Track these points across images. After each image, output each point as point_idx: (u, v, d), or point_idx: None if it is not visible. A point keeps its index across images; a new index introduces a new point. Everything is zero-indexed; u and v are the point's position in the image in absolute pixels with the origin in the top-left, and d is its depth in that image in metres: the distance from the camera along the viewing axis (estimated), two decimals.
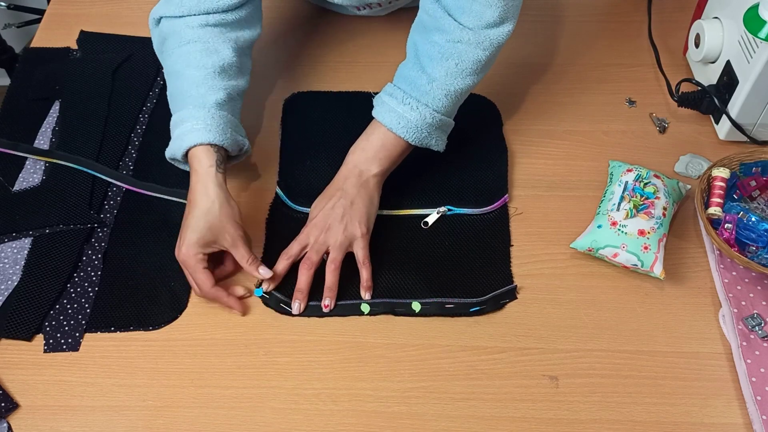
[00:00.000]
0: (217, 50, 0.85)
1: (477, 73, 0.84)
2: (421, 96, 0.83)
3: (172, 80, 0.86)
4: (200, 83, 0.83)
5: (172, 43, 0.86)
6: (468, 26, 0.81)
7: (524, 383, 0.75)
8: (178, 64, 0.85)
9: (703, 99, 0.95)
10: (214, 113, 0.81)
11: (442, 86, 0.82)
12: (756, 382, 0.73)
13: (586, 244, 0.82)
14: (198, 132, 0.80)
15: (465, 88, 0.84)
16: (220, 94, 0.83)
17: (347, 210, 0.81)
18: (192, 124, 0.80)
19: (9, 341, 0.78)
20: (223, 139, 0.81)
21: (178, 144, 0.81)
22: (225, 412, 0.73)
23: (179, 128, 0.82)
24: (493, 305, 0.80)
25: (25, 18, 1.84)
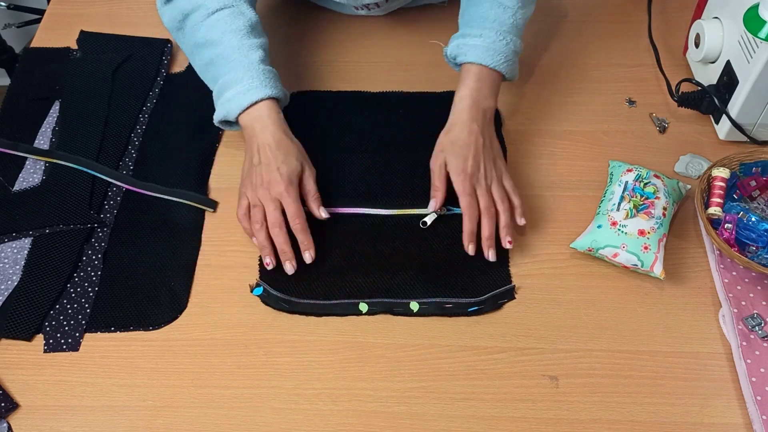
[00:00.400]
0: (242, 12, 0.88)
1: None
2: (509, 28, 0.89)
3: (207, 49, 0.88)
4: (240, 46, 0.86)
5: (198, 15, 0.88)
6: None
7: (524, 383, 0.75)
8: (212, 32, 0.87)
9: (703, 99, 0.95)
10: (263, 69, 0.86)
11: (521, 15, 0.90)
12: (756, 382, 0.73)
13: (586, 244, 0.82)
14: (257, 89, 0.85)
15: (531, 13, 0.93)
16: (260, 52, 0.88)
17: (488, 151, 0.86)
18: (248, 83, 0.85)
19: (9, 341, 0.78)
20: (278, 91, 0.86)
21: (235, 104, 0.85)
22: (225, 412, 0.73)
23: (232, 89, 0.85)
24: (491, 305, 0.80)
25: (25, 18, 1.84)
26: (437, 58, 1.04)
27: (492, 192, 0.83)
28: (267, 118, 0.85)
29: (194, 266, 0.84)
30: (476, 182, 0.83)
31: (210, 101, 0.97)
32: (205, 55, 0.89)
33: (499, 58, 0.87)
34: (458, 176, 0.83)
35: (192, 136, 0.96)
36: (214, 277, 0.83)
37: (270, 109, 0.85)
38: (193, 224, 0.87)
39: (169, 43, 1.07)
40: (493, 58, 0.87)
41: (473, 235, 0.82)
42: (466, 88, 0.87)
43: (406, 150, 0.93)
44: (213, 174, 0.93)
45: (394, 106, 0.99)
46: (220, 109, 0.87)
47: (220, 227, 0.87)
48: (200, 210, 0.89)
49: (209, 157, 0.94)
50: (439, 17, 1.11)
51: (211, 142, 0.96)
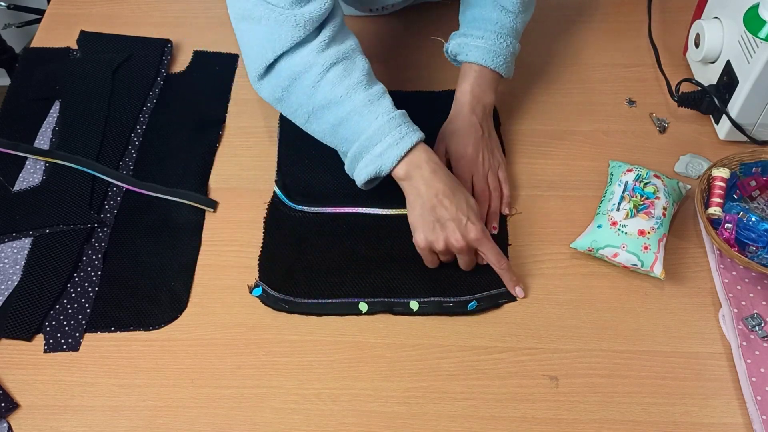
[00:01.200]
0: (355, 62, 0.81)
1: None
2: (509, 31, 0.91)
3: (332, 110, 0.80)
4: (366, 100, 0.79)
5: (311, 75, 0.79)
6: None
7: (524, 383, 0.75)
8: (334, 91, 0.79)
9: (703, 99, 0.95)
10: (398, 113, 0.80)
11: (521, 19, 0.92)
12: (756, 382, 0.73)
13: (586, 244, 0.82)
14: (408, 136, 0.79)
15: (530, 17, 0.95)
16: (387, 97, 0.81)
17: (487, 142, 0.89)
18: (397, 133, 0.79)
19: (9, 341, 0.78)
20: (420, 135, 0.80)
21: (388, 155, 0.78)
22: (225, 412, 0.73)
23: (376, 147, 0.79)
24: (490, 302, 0.80)
25: (25, 18, 1.84)
26: (437, 58, 1.04)
27: (488, 179, 0.87)
28: (429, 162, 0.79)
29: (194, 266, 0.84)
30: (474, 169, 0.87)
31: (210, 101, 0.98)
32: (330, 116, 0.80)
33: (499, 60, 0.90)
34: (457, 162, 0.87)
35: (192, 136, 0.96)
36: (214, 277, 0.83)
37: (426, 151, 0.80)
38: (193, 224, 0.87)
39: (169, 43, 1.07)
40: (493, 60, 0.90)
41: None
42: (467, 84, 0.90)
43: None
44: (213, 174, 0.93)
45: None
46: (369, 167, 0.80)
47: (220, 227, 0.87)
48: (200, 210, 0.89)
49: (209, 157, 0.94)
50: (439, 16, 1.11)
51: (211, 142, 0.96)
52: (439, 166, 0.80)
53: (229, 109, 1.00)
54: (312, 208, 0.88)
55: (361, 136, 0.79)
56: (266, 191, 0.90)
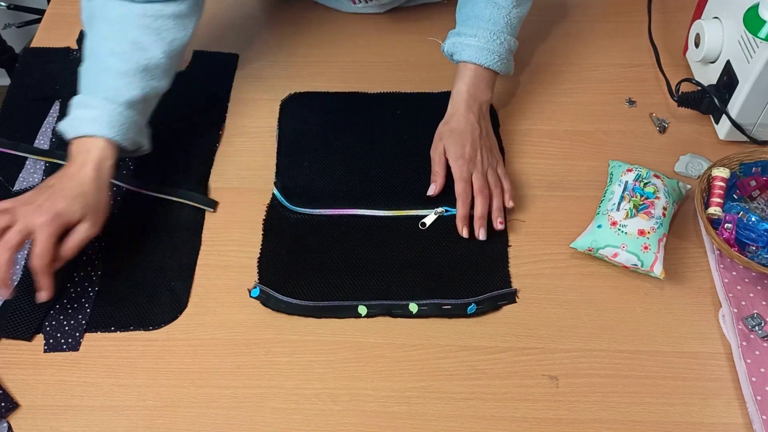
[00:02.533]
0: (145, 47, 0.83)
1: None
2: (502, 28, 0.91)
3: (91, 59, 0.83)
4: (118, 76, 0.81)
5: (102, 24, 0.83)
6: None
7: (524, 383, 0.75)
8: (102, 47, 0.82)
9: (703, 99, 0.95)
10: (121, 111, 0.80)
11: (516, 14, 0.92)
12: (756, 382, 0.73)
13: (586, 244, 0.82)
14: (100, 124, 0.79)
15: (526, 11, 0.94)
16: (136, 92, 0.82)
17: (485, 140, 0.89)
18: (97, 113, 0.79)
19: (9, 341, 0.78)
20: (124, 138, 0.80)
21: (75, 125, 0.80)
22: (225, 412, 0.73)
23: (81, 110, 0.80)
24: (490, 305, 0.80)
25: (25, 18, 1.84)
26: (436, 58, 1.04)
27: (487, 177, 0.87)
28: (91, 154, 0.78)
29: (194, 266, 0.84)
30: (473, 168, 0.86)
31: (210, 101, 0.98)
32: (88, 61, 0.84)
33: (493, 58, 0.90)
34: (456, 162, 0.86)
35: (192, 136, 0.96)
36: (214, 277, 0.83)
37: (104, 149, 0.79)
38: (193, 224, 0.87)
39: None
40: (486, 58, 0.90)
41: (466, 219, 0.85)
42: (463, 83, 0.90)
43: (405, 150, 0.93)
44: (213, 174, 0.93)
45: (392, 107, 0.99)
46: (66, 120, 0.81)
47: (220, 227, 0.87)
48: (200, 210, 0.89)
49: (209, 157, 0.94)
50: (438, 16, 1.11)
51: (211, 142, 0.96)
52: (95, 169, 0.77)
53: (229, 109, 1.00)
54: (311, 210, 0.88)
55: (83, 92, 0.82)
56: (266, 191, 0.90)
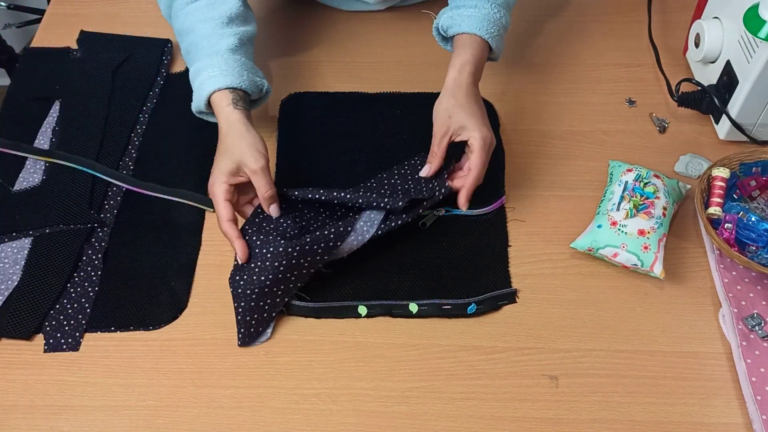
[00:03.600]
0: (222, 2, 0.89)
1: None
2: (502, 3, 0.89)
3: (183, 38, 0.90)
4: (210, 34, 0.87)
5: (179, 3, 0.90)
6: None
7: (524, 383, 0.75)
8: (187, 21, 0.89)
9: (703, 99, 0.95)
10: (227, 58, 0.85)
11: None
12: (756, 382, 0.73)
13: (586, 244, 0.82)
14: (215, 78, 0.83)
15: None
16: (231, 39, 0.87)
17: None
18: (208, 73, 0.84)
19: (9, 341, 0.78)
20: (240, 81, 0.84)
21: (199, 94, 0.85)
22: (225, 412, 0.73)
23: (197, 79, 0.85)
24: (490, 305, 0.80)
25: (25, 18, 1.84)
26: (436, 58, 1.04)
27: None
28: (220, 110, 0.84)
29: (194, 266, 0.84)
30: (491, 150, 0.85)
31: None
32: (183, 42, 0.90)
33: (493, 30, 0.88)
34: (484, 151, 0.83)
35: (192, 136, 0.96)
36: (214, 277, 0.83)
37: (222, 99, 0.83)
38: (193, 224, 0.87)
39: (169, 43, 1.07)
40: (488, 29, 0.87)
41: None
42: (466, 54, 0.86)
43: (405, 150, 0.93)
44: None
45: (392, 107, 0.99)
46: (194, 98, 0.87)
47: None
48: (200, 210, 0.89)
49: (209, 157, 0.94)
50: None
51: (211, 142, 0.95)
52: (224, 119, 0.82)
53: None
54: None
55: (191, 66, 0.88)
56: None
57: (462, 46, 0.87)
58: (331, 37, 1.09)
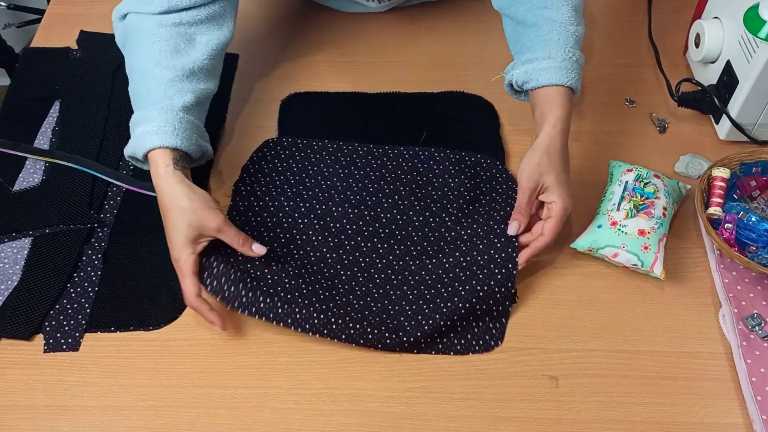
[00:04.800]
0: (187, 52, 0.83)
1: None
2: (573, 44, 0.85)
3: (136, 76, 0.84)
4: (168, 84, 0.81)
5: (140, 39, 0.83)
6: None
7: (524, 383, 0.75)
8: (145, 61, 0.82)
9: (703, 99, 0.95)
10: (181, 117, 0.80)
11: (580, 31, 0.86)
12: (756, 382, 0.73)
13: (586, 244, 0.82)
14: (163, 135, 0.78)
15: (583, 30, 0.88)
16: (189, 97, 0.82)
17: None
18: (158, 126, 0.78)
19: (9, 341, 0.78)
20: (188, 144, 0.80)
21: (140, 143, 0.79)
22: (225, 412, 0.73)
23: (142, 127, 0.80)
24: None
25: (25, 18, 1.84)
26: (437, 58, 1.04)
27: None
28: (157, 169, 0.78)
29: None
30: None
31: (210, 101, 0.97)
32: (135, 80, 0.85)
33: (574, 75, 0.84)
34: (562, 221, 0.80)
35: None
36: None
37: (161, 158, 0.78)
38: None
39: None
40: (568, 77, 0.83)
41: None
42: (558, 110, 0.82)
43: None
44: (213, 174, 0.93)
45: (392, 107, 0.99)
46: (131, 143, 0.81)
47: None
48: None
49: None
50: (438, 16, 1.11)
51: (211, 142, 0.95)
52: (165, 173, 0.77)
53: (229, 109, 1.00)
54: None
55: (138, 110, 0.82)
56: None
57: (548, 100, 0.83)
58: (330, 37, 1.09)
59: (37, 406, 0.74)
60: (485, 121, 0.97)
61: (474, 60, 1.05)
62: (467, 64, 1.05)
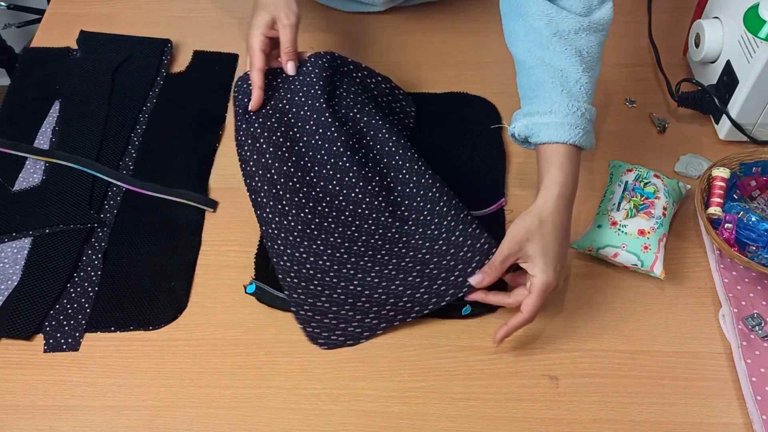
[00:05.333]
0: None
1: (601, 58, 0.84)
2: (577, 96, 0.79)
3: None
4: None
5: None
6: (581, 14, 0.81)
7: (524, 383, 0.75)
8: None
9: (703, 99, 0.95)
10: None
11: (589, 80, 0.80)
12: (756, 382, 0.73)
13: (586, 244, 0.82)
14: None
15: (597, 74, 0.83)
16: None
17: None
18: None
19: (9, 341, 0.78)
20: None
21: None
22: (225, 412, 0.73)
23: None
24: (484, 307, 0.79)
25: (25, 18, 1.85)
26: (437, 59, 1.04)
27: None
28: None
29: (194, 266, 0.84)
30: None
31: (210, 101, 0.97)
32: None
33: (577, 132, 0.77)
34: (542, 298, 0.73)
35: (192, 136, 0.96)
36: (214, 277, 0.83)
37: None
38: (193, 224, 0.87)
39: (169, 43, 1.07)
40: (570, 133, 0.77)
41: None
42: (555, 172, 0.76)
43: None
44: (213, 174, 0.93)
45: None
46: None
47: (220, 227, 0.87)
48: (200, 210, 0.89)
49: (209, 157, 0.94)
50: (438, 16, 1.11)
51: (211, 142, 0.96)
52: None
53: (229, 109, 1.00)
54: None
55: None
56: None
57: (547, 159, 0.77)
58: (330, 38, 1.09)
59: (37, 406, 0.74)
60: (487, 122, 0.97)
61: (474, 60, 1.05)
62: (467, 64, 1.05)
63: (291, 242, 0.82)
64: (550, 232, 0.74)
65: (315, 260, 0.81)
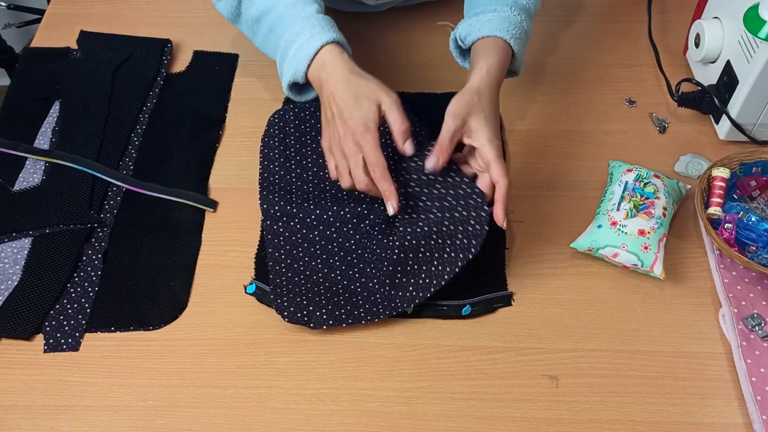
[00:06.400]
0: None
1: None
2: (522, 8, 0.86)
3: (263, 20, 0.87)
4: (294, 4, 0.84)
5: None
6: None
7: (524, 383, 0.75)
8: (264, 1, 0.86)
9: (703, 99, 0.95)
10: (321, 19, 0.83)
11: (533, 3, 0.88)
12: (756, 382, 0.73)
13: (586, 244, 0.82)
14: (318, 36, 0.81)
15: (539, 5, 0.90)
16: (315, 6, 0.85)
17: None
18: (310, 32, 0.81)
19: (9, 341, 0.78)
20: (339, 36, 0.82)
21: (303, 54, 0.81)
22: (225, 412, 0.73)
23: (295, 44, 0.82)
24: (484, 307, 0.79)
25: (25, 18, 1.85)
26: (436, 58, 1.04)
27: None
28: (330, 64, 0.80)
29: (194, 266, 0.84)
30: None
31: (210, 101, 0.97)
32: (263, 27, 0.87)
33: (514, 31, 0.84)
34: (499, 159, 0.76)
35: (192, 136, 0.96)
36: (214, 277, 0.83)
37: (331, 53, 0.80)
38: (193, 224, 0.87)
39: (169, 43, 1.07)
40: (509, 31, 0.83)
41: None
42: (491, 58, 0.82)
43: None
44: (213, 174, 0.93)
45: None
46: (287, 70, 0.84)
47: (220, 227, 0.87)
48: (200, 210, 0.89)
49: (209, 157, 0.94)
50: (438, 16, 1.11)
51: (211, 142, 0.96)
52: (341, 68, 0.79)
53: (229, 109, 1.00)
54: None
55: (281, 41, 0.84)
56: None
57: (484, 51, 0.83)
58: None
59: (37, 406, 0.74)
60: None
61: None
62: None
63: (289, 212, 0.85)
64: (488, 105, 0.79)
65: (306, 234, 0.83)
